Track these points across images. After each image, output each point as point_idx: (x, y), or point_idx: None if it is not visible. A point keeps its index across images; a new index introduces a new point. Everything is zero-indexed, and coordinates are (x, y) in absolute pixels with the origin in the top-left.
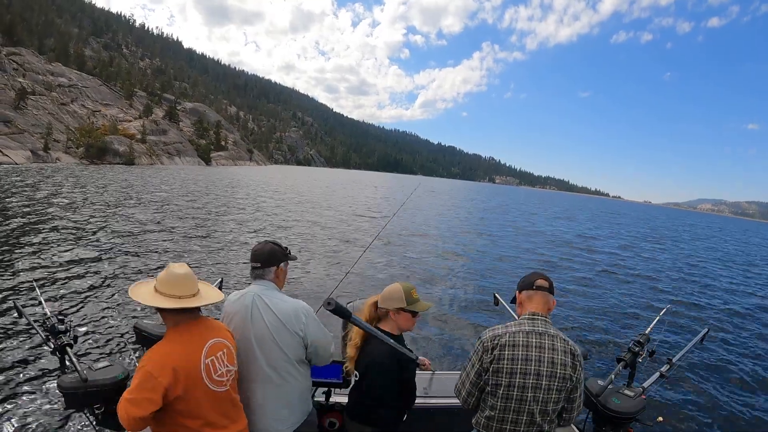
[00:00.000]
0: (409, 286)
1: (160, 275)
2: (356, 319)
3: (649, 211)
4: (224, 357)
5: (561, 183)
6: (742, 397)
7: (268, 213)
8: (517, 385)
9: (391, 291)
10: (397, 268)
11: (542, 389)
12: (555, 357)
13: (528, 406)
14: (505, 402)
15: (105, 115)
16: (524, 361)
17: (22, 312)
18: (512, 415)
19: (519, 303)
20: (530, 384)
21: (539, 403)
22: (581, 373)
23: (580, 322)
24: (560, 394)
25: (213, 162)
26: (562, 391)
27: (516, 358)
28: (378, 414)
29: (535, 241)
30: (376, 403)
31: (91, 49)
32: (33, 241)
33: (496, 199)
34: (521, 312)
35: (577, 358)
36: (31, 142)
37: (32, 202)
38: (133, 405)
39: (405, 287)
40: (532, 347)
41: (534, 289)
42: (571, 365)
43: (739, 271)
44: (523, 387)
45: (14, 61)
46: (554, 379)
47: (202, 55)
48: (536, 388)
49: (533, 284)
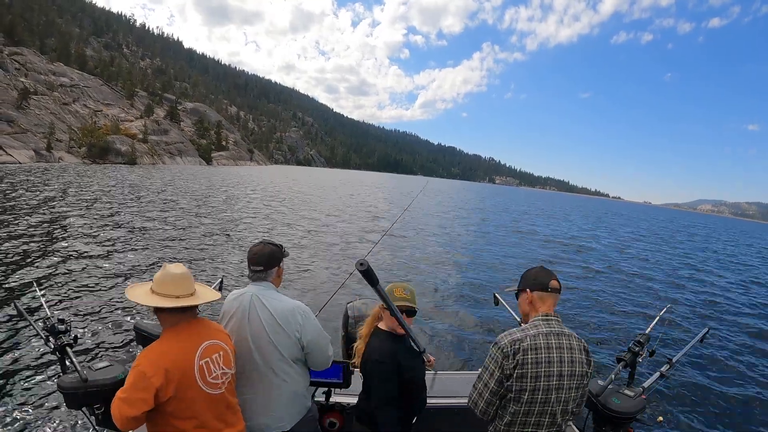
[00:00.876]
0: (394, 286)
1: (157, 275)
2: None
3: (649, 211)
4: (220, 359)
5: (561, 183)
6: (743, 396)
7: (274, 212)
8: (542, 389)
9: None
10: (399, 267)
11: (564, 389)
12: (573, 356)
13: (551, 407)
14: (528, 407)
15: (106, 115)
16: (547, 363)
17: (22, 312)
18: (534, 418)
19: (528, 301)
20: (554, 385)
21: (561, 403)
22: (593, 367)
23: (581, 322)
24: (579, 391)
25: (214, 162)
26: (580, 388)
27: (540, 362)
28: (379, 416)
29: (534, 240)
30: (375, 405)
31: (91, 48)
32: (33, 241)
33: (495, 199)
34: (529, 311)
35: (589, 353)
36: (34, 142)
37: (34, 202)
38: (126, 404)
39: (390, 287)
40: (553, 349)
41: (549, 291)
42: (587, 362)
43: (739, 272)
44: (547, 390)
45: (16, 61)
46: (574, 378)
47: (202, 55)
48: (559, 389)
49: (548, 286)
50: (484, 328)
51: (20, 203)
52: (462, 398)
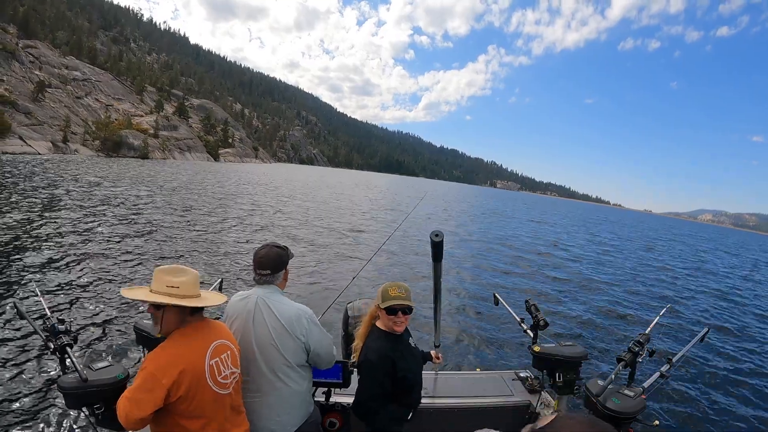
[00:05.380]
0: (389, 285)
1: (167, 276)
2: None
3: (648, 220)
4: (228, 359)
5: (562, 189)
6: (742, 396)
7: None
8: None
9: (378, 290)
10: (401, 267)
11: None
12: None
13: None
14: None
15: (117, 110)
16: None
17: (22, 312)
18: None
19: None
20: None
21: None
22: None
23: (581, 323)
24: None
25: (221, 158)
26: None
27: None
28: (374, 412)
29: (535, 243)
30: (370, 402)
31: (100, 42)
32: (34, 241)
33: (494, 202)
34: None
35: None
36: (50, 134)
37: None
38: (133, 404)
39: (385, 286)
40: None
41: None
42: None
43: (739, 273)
44: None
45: (31, 54)
46: None
47: (208, 51)
48: None
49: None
50: (485, 328)
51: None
52: (462, 398)
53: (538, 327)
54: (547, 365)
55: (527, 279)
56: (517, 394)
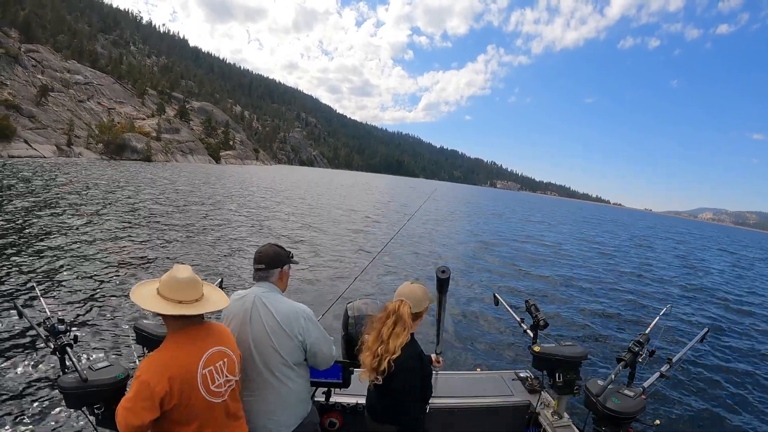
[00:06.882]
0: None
1: (164, 278)
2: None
3: (648, 219)
4: (224, 367)
5: (562, 189)
6: (742, 396)
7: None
8: None
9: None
10: (402, 268)
11: None
12: None
13: None
14: None
15: (119, 113)
16: None
17: (22, 312)
18: None
19: None
20: None
21: None
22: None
23: (582, 323)
24: None
25: (222, 161)
26: None
27: None
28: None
29: (535, 244)
30: (405, 401)
31: (100, 45)
32: (33, 241)
33: (494, 202)
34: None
35: None
36: (54, 137)
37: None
38: (130, 413)
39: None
40: None
41: None
42: None
43: (739, 272)
44: None
45: (33, 58)
46: None
47: (207, 53)
48: None
49: None
50: (485, 328)
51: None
52: (462, 398)
53: (538, 327)
54: (547, 365)
55: (527, 279)
56: (517, 394)
